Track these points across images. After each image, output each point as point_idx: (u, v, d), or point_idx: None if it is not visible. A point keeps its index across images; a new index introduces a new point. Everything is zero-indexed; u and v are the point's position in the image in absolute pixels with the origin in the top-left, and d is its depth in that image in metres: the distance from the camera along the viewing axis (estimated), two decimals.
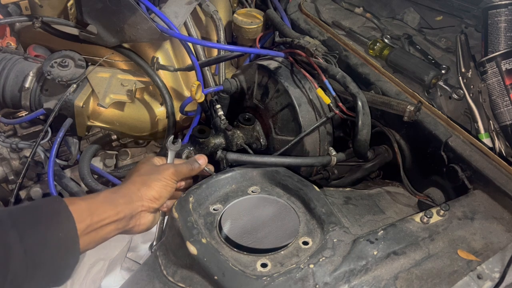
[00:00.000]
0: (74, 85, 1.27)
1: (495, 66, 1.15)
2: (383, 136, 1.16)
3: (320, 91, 1.13)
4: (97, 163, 1.43)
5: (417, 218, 0.90)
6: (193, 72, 1.36)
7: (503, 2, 1.19)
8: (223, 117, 1.20)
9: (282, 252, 0.81)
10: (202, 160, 0.98)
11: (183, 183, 0.98)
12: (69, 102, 1.26)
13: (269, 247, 0.83)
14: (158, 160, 0.98)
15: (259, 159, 1.02)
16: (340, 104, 1.14)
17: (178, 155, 1.06)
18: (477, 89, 1.17)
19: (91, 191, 1.32)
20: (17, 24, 1.40)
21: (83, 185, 1.31)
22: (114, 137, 1.44)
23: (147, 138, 1.48)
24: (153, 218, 0.91)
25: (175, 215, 0.86)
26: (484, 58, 1.17)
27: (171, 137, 0.98)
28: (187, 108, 1.32)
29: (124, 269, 0.99)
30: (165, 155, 1.00)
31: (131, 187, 0.88)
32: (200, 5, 1.44)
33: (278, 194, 0.93)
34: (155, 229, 0.98)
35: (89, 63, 1.34)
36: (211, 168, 1.00)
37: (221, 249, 0.80)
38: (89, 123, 1.33)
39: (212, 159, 1.11)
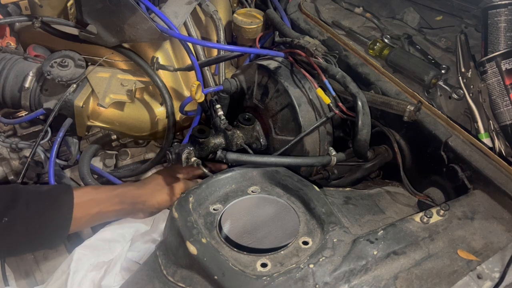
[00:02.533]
0: (74, 85, 1.27)
1: (495, 66, 1.15)
2: (383, 136, 1.16)
3: (320, 91, 1.13)
4: (97, 163, 1.43)
5: (417, 218, 0.90)
6: (193, 72, 1.35)
7: (503, 2, 1.19)
8: (223, 117, 1.20)
9: (282, 252, 0.81)
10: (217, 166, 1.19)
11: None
12: (69, 102, 1.26)
13: (269, 247, 0.83)
14: (181, 171, 1.16)
15: (259, 159, 1.02)
16: (340, 104, 1.14)
17: (178, 155, 1.06)
18: (477, 89, 1.17)
19: None
20: (17, 24, 1.39)
21: (83, 185, 1.31)
22: (114, 137, 1.44)
23: (147, 138, 1.47)
24: (145, 217, 1.10)
25: (175, 215, 0.86)
26: (484, 58, 1.17)
27: None
28: (187, 108, 1.32)
29: (124, 269, 0.99)
30: (167, 156, 1.05)
31: (143, 190, 1.09)
32: (200, 5, 1.44)
33: (278, 194, 0.93)
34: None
35: (89, 63, 1.34)
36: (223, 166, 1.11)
37: (221, 249, 0.80)
38: (89, 123, 1.33)
39: (212, 159, 1.11)
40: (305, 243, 0.82)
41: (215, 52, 1.46)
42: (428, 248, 0.84)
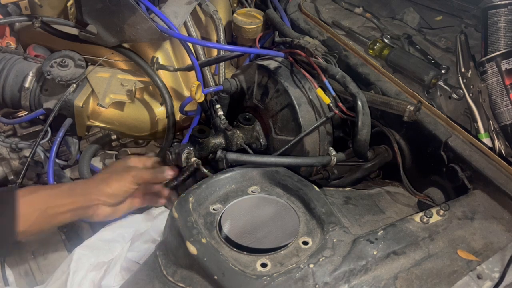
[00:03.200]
0: (74, 85, 1.27)
1: (495, 66, 1.15)
2: (383, 136, 1.16)
3: (320, 91, 1.13)
4: (97, 163, 1.43)
5: (417, 218, 0.90)
6: (193, 72, 1.36)
7: (503, 2, 1.19)
8: (223, 117, 1.20)
9: (282, 252, 0.81)
10: (170, 173, 1.07)
11: (156, 186, 1.10)
12: (69, 102, 1.26)
13: (269, 247, 0.83)
14: (133, 161, 1.09)
15: (259, 159, 1.02)
16: (340, 104, 1.14)
17: (178, 155, 1.06)
18: (477, 89, 1.17)
19: None
20: (17, 24, 1.39)
21: None
22: (114, 137, 1.44)
23: (147, 138, 1.47)
24: (112, 211, 1.03)
25: (175, 215, 0.86)
26: (484, 58, 1.17)
27: None
28: (187, 108, 1.32)
29: (124, 269, 0.99)
30: (167, 156, 1.04)
31: (91, 182, 1.03)
32: (200, 5, 1.44)
33: (278, 194, 0.93)
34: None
35: (89, 63, 1.34)
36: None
37: (221, 249, 0.80)
38: (89, 123, 1.33)
39: (212, 159, 1.11)
40: (305, 243, 0.82)
41: (215, 52, 1.46)
42: (428, 248, 0.84)
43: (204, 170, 1.00)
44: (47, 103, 1.27)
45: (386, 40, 1.27)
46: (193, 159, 1.06)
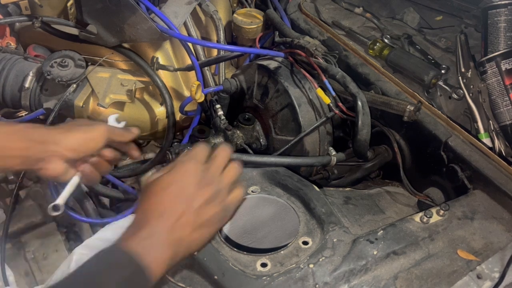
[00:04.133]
0: (74, 85, 1.27)
1: (495, 66, 1.15)
2: (383, 136, 1.16)
3: (320, 91, 1.13)
4: None
5: (417, 218, 0.90)
6: (193, 72, 1.35)
7: (503, 2, 1.19)
8: (223, 117, 1.20)
9: (282, 252, 0.81)
10: (135, 130, 0.94)
11: (110, 152, 0.91)
12: (69, 102, 1.26)
13: (269, 247, 0.83)
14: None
15: (259, 159, 1.03)
16: (340, 104, 1.14)
17: (178, 155, 1.06)
18: (477, 89, 1.17)
19: (91, 191, 1.32)
20: (17, 24, 1.40)
21: (82, 185, 1.31)
22: None
23: (147, 138, 1.47)
24: (65, 169, 0.84)
25: None
26: (484, 58, 1.17)
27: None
28: (187, 108, 1.32)
29: None
30: (167, 156, 1.01)
31: (53, 130, 0.84)
32: (200, 5, 1.44)
33: (278, 194, 0.93)
34: None
35: (89, 63, 1.34)
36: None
37: (221, 249, 0.80)
38: None
39: None
40: (305, 243, 0.82)
41: (215, 52, 1.46)
42: (428, 248, 0.84)
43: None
44: (47, 103, 1.27)
45: (386, 40, 1.27)
46: None
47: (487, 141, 1.13)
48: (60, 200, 0.86)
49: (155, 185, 0.74)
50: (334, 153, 1.13)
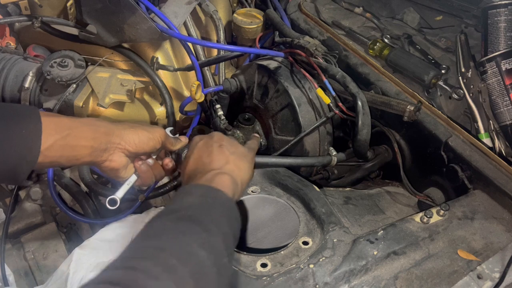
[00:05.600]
0: (74, 85, 1.27)
1: (495, 66, 1.15)
2: (383, 136, 1.16)
3: (320, 91, 1.13)
4: None
5: (417, 218, 0.90)
6: (193, 72, 1.35)
7: (503, 2, 1.19)
8: (222, 117, 1.20)
9: (282, 252, 0.81)
10: (184, 139, 0.98)
11: (169, 161, 0.98)
12: (68, 102, 1.26)
13: (269, 247, 0.83)
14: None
15: (260, 159, 1.02)
16: (340, 104, 1.14)
17: (178, 155, 1.06)
18: (477, 89, 1.17)
19: (91, 191, 1.32)
20: (17, 24, 1.39)
21: (82, 185, 1.31)
22: None
23: None
24: (126, 162, 0.89)
25: None
26: (484, 58, 1.17)
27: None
28: (187, 108, 1.32)
29: None
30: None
31: (117, 125, 0.88)
32: (200, 5, 1.44)
33: (278, 194, 0.93)
34: None
35: (89, 63, 1.34)
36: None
37: None
38: None
39: None
40: (305, 243, 0.82)
41: (215, 52, 1.46)
42: (428, 248, 0.84)
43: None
44: (47, 103, 1.27)
45: (386, 40, 1.27)
46: None
47: (487, 141, 1.13)
48: (119, 193, 0.88)
49: (191, 154, 0.87)
50: (334, 153, 1.13)
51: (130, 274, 0.53)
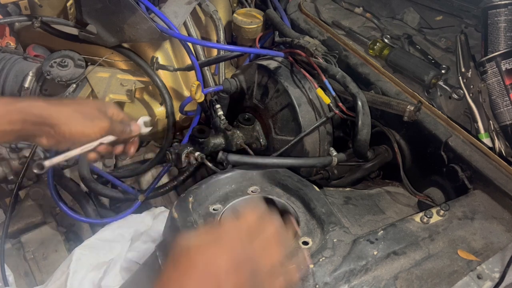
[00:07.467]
0: (74, 85, 1.27)
1: (495, 66, 1.14)
2: (383, 136, 1.16)
3: (320, 91, 1.13)
4: (97, 163, 1.43)
5: (417, 218, 0.90)
6: (193, 72, 1.35)
7: (503, 2, 1.18)
8: (222, 117, 1.20)
9: None
10: (134, 127, 0.92)
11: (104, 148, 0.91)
12: None
13: None
14: (110, 108, 0.91)
15: (260, 160, 1.02)
16: (340, 104, 1.14)
17: (177, 155, 1.06)
18: (477, 89, 1.17)
19: (91, 191, 1.32)
20: (17, 24, 1.39)
21: (82, 185, 1.31)
22: None
23: (146, 138, 1.47)
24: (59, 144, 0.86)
25: (175, 215, 0.86)
26: (484, 58, 1.17)
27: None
28: (187, 108, 1.32)
29: (124, 269, 0.99)
30: (166, 156, 1.01)
31: (54, 113, 0.83)
32: (199, 5, 1.44)
33: (278, 194, 0.93)
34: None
35: (89, 63, 1.34)
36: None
37: None
38: None
39: (213, 160, 1.11)
40: (305, 243, 0.82)
41: (215, 52, 1.46)
42: (428, 248, 0.84)
43: (209, 164, 1.00)
44: None
45: (386, 40, 1.27)
46: (197, 153, 1.06)
47: (487, 141, 1.13)
48: (49, 162, 0.86)
49: (185, 256, 0.60)
50: (335, 153, 1.13)
51: None
